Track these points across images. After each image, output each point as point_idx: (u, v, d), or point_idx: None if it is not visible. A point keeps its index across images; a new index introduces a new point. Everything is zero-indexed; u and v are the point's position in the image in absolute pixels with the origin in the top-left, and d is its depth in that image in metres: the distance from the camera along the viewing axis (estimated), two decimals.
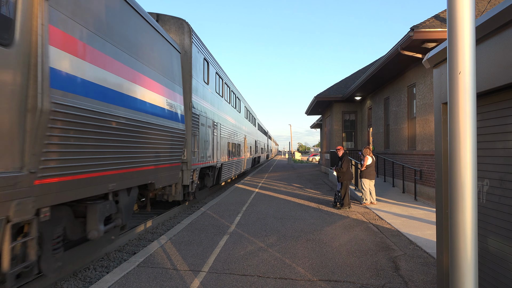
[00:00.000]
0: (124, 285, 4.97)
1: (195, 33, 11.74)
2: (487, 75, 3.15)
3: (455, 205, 1.98)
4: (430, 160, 11.85)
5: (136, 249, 7.64)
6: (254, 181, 20.88)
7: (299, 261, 5.97)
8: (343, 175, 11.12)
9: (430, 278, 5.23)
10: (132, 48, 6.97)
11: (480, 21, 3.08)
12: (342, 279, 5.18)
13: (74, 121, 4.95)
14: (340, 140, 23.21)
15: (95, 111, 5.47)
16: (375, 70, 14.74)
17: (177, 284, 5.02)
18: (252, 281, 5.12)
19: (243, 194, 14.70)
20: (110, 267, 6.61)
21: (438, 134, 4.17)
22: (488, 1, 11.33)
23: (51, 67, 4.42)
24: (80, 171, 5.19)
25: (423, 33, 10.47)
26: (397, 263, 5.91)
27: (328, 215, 10.06)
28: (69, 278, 5.96)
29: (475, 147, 1.98)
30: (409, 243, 7.12)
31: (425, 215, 9.78)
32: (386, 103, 17.35)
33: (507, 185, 3.10)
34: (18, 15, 3.96)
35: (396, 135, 15.67)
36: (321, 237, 7.54)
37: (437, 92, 4.19)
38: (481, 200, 3.48)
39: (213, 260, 6.04)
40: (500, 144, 3.22)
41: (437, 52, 4.06)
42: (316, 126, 41.26)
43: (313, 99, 23.62)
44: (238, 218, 9.60)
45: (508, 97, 3.09)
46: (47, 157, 4.43)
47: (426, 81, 12.27)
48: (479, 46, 3.20)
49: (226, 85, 18.25)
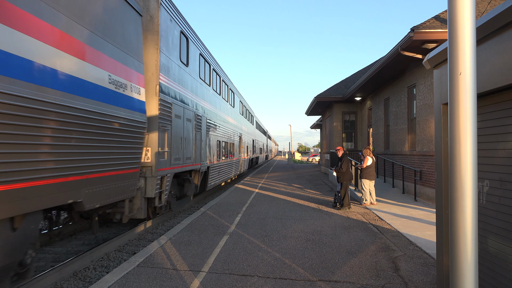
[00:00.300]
0: (124, 285, 4.97)
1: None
2: (488, 76, 3.15)
3: (455, 206, 1.98)
4: (430, 160, 11.85)
5: (136, 249, 7.64)
6: (254, 181, 20.87)
7: (299, 262, 5.96)
8: (342, 175, 11.12)
9: (430, 279, 5.23)
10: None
11: (481, 22, 3.09)
12: (342, 280, 5.18)
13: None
14: (340, 140, 23.21)
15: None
16: (375, 71, 14.74)
17: (177, 284, 5.02)
18: (252, 281, 5.12)
19: (243, 194, 14.70)
20: (110, 267, 6.61)
21: (438, 135, 4.17)
22: (488, 2, 11.33)
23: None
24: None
25: (424, 34, 10.48)
26: (397, 263, 5.91)
27: (328, 215, 10.06)
28: (69, 278, 5.96)
29: (475, 148, 1.98)
30: (409, 244, 7.12)
31: (425, 216, 9.77)
32: (386, 103, 17.35)
33: (507, 186, 3.10)
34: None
35: (396, 135, 15.67)
36: (321, 238, 7.53)
37: (438, 92, 4.19)
38: (481, 201, 3.48)
39: (213, 260, 6.04)
40: (500, 145, 3.22)
41: (438, 52, 4.06)
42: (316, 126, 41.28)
43: (313, 99, 23.62)
44: (238, 218, 9.60)
45: (509, 98, 3.09)
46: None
47: (426, 81, 12.27)
48: (480, 47, 3.20)
49: (215, 73, 15.27)
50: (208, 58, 14.06)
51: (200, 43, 12.73)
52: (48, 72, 4.82)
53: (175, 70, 9.77)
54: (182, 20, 10.54)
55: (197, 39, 12.40)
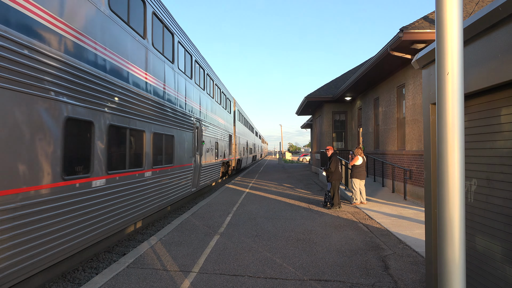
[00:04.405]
0: (114, 286, 4.93)
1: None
2: (475, 76, 3.19)
3: (443, 205, 2.00)
4: (419, 160, 11.97)
5: (126, 250, 7.58)
6: (245, 181, 20.85)
7: (290, 261, 5.97)
8: (332, 175, 11.17)
9: (419, 277, 5.28)
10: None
11: (468, 23, 3.12)
12: (332, 279, 5.20)
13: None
14: (330, 140, 23.31)
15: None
16: (365, 71, 14.83)
17: (167, 285, 4.99)
18: (242, 281, 5.12)
19: (234, 194, 14.67)
20: (99, 268, 6.54)
21: (427, 134, 4.21)
22: (476, 3, 11.48)
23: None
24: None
25: (412, 34, 10.57)
26: (386, 262, 5.95)
27: (318, 215, 10.10)
28: (57, 280, 5.89)
29: (463, 147, 2.00)
30: (399, 242, 7.17)
31: (414, 215, 9.87)
32: (376, 103, 17.48)
33: (494, 184, 3.15)
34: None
35: (385, 135, 15.79)
36: (312, 237, 7.56)
37: (426, 92, 4.23)
38: (469, 200, 3.52)
39: (204, 260, 6.02)
40: (487, 144, 3.27)
41: (426, 53, 4.10)
42: (306, 126, 41.39)
43: (304, 99, 23.68)
44: (229, 218, 9.58)
45: (495, 98, 3.13)
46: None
47: (415, 81, 12.39)
48: (467, 47, 3.24)
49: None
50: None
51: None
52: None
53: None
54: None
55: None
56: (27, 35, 4.64)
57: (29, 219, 4.63)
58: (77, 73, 5.68)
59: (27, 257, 4.63)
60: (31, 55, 4.67)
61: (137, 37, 8.10)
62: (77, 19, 5.77)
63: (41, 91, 4.84)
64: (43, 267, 5.01)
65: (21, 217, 4.51)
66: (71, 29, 5.60)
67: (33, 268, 4.79)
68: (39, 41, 4.84)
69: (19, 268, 4.50)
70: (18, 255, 4.49)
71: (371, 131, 18.02)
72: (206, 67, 15.96)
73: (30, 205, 4.66)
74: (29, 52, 4.66)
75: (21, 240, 4.51)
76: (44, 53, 4.92)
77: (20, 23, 4.55)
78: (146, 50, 8.67)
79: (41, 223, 4.87)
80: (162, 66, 9.83)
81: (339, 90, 20.18)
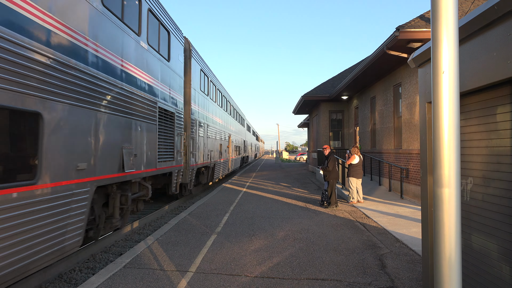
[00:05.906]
0: (110, 287, 4.91)
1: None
2: (471, 75, 3.19)
3: (439, 203, 2.01)
4: (416, 158, 12.00)
5: (123, 250, 7.56)
6: (242, 180, 20.85)
7: (287, 260, 5.98)
8: (329, 174, 11.18)
9: (416, 275, 5.29)
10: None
11: (464, 22, 3.13)
12: (329, 278, 5.21)
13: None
14: (327, 139, 23.34)
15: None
16: (362, 70, 14.86)
17: (164, 285, 4.97)
18: (239, 280, 5.11)
19: (231, 193, 14.66)
20: (96, 268, 6.52)
21: (423, 133, 4.22)
22: (472, 2, 11.52)
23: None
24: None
25: (408, 33, 10.60)
26: (383, 261, 5.97)
27: (315, 214, 10.11)
28: (54, 280, 5.86)
29: (459, 145, 2.00)
30: (395, 241, 7.19)
31: (411, 213, 9.90)
32: (372, 102, 17.51)
33: (490, 183, 3.15)
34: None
35: (382, 134, 15.82)
36: (308, 236, 7.56)
37: (422, 91, 4.23)
38: (465, 198, 3.53)
39: (201, 260, 6.01)
40: (483, 143, 3.27)
41: (422, 52, 4.10)
42: (303, 125, 41.44)
43: (301, 98, 23.70)
44: (226, 217, 9.58)
45: (491, 96, 3.14)
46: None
47: (412, 80, 12.42)
48: (463, 46, 3.25)
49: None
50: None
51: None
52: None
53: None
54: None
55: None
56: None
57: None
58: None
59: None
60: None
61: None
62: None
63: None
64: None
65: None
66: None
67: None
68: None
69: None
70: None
71: (368, 130, 18.06)
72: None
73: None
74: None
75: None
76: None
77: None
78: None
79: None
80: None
81: (336, 89, 20.21)
